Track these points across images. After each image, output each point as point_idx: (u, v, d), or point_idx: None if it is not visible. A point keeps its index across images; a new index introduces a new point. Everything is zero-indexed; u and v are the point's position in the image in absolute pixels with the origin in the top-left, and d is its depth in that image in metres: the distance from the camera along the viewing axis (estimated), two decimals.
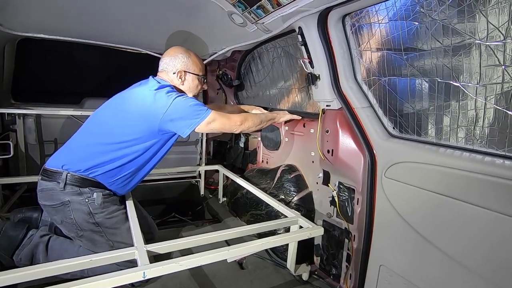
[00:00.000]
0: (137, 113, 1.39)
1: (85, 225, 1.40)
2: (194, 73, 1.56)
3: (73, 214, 1.38)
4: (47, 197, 1.40)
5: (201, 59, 1.63)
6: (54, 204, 1.38)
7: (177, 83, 1.54)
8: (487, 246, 0.95)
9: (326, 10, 1.32)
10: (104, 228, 1.42)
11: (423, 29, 1.11)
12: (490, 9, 0.91)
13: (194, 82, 1.58)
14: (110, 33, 2.07)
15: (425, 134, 1.22)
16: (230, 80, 2.68)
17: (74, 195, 1.37)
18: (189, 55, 1.56)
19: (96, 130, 1.46)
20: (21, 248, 1.40)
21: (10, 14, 1.69)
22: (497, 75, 0.94)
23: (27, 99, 2.33)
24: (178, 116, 1.37)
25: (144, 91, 1.43)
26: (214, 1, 1.56)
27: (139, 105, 1.39)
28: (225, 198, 2.57)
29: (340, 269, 1.56)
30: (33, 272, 1.02)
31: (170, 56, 1.54)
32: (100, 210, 1.41)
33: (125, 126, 1.40)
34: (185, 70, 1.54)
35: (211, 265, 1.25)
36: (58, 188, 1.36)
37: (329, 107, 1.54)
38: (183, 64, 1.53)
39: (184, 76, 1.54)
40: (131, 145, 1.41)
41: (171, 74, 1.53)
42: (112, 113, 1.46)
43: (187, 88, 1.57)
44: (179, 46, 1.59)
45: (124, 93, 1.51)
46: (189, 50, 1.58)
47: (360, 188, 1.40)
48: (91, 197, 1.39)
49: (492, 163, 0.94)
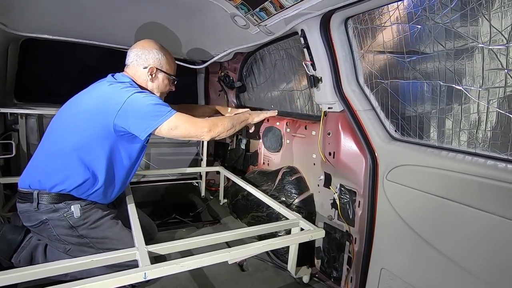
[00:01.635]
0: (90, 112, 1.28)
1: (70, 239, 1.34)
2: (166, 72, 1.47)
3: (55, 231, 1.32)
4: (26, 219, 1.34)
5: (175, 60, 1.56)
6: (34, 225, 1.32)
7: (144, 79, 1.44)
8: (487, 249, 0.95)
9: (329, 13, 1.32)
10: (90, 239, 1.36)
11: (426, 32, 1.12)
12: (493, 13, 0.91)
13: (164, 82, 1.49)
14: (113, 34, 2.08)
15: (427, 137, 1.22)
16: (232, 82, 2.69)
17: (50, 212, 1.29)
18: (163, 53, 1.47)
19: (51, 140, 1.34)
20: (19, 250, 1.39)
21: (15, 15, 1.70)
22: (500, 79, 0.94)
23: (29, 99, 2.34)
24: (133, 115, 1.24)
25: (97, 88, 1.34)
26: (217, 3, 1.56)
27: (92, 104, 1.29)
28: (226, 200, 2.57)
29: (341, 272, 1.55)
30: (32, 272, 1.02)
31: (143, 49, 1.43)
32: (82, 222, 1.33)
33: (79, 130, 1.28)
34: (157, 67, 1.44)
35: (211, 267, 1.25)
36: (32, 209, 1.29)
37: (331, 109, 1.54)
38: (157, 60, 1.44)
39: (155, 74, 1.44)
40: (90, 150, 1.29)
41: (141, 68, 1.42)
42: (64, 119, 1.35)
43: (155, 86, 1.47)
44: (152, 40, 1.49)
45: (76, 96, 1.40)
46: (162, 47, 1.49)
47: (362, 191, 1.40)
48: (68, 211, 1.30)
49: (494, 166, 0.94)
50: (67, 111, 1.37)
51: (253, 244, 1.28)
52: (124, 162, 1.41)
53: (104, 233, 1.39)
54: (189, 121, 1.33)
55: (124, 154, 1.39)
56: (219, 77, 2.75)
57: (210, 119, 1.44)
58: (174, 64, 1.53)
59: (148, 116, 1.26)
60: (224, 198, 2.60)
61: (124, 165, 1.42)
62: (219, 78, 2.76)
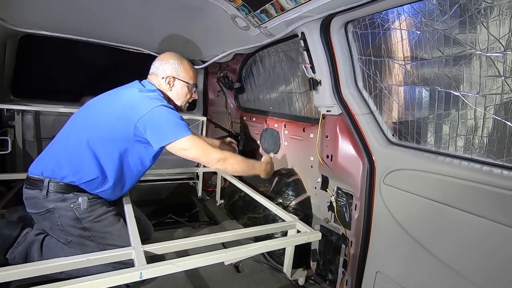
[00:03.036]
0: (116, 115, 1.34)
1: (73, 230, 1.36)
2: (183, 80, 1.52)
3: (60, 221, 1.34)
4: (32, 205, 1.36)
5: (194, 68, 1.60)
6: (39, 212, 1.35)
7: (164, 88, 1.51)
8: (482, 254, 0.96)
9: (329, 16, 1.33)
10: (93, 233, 1.38)
11: (425, 38, 1.13)
12: (491, 21, 0.92)
13: (183, 89, 1.54)
14: (112, 32, 2.07)
15: (424, 142, 1.23)
16: (231, 83, 2.69)
17: (58, 201, 1.33)
18: (180, 62, 1.52)
19: (73, 133, 1.38)
20: (15, 246, 1.38)
21: (14, 11, 1.69)
22: (497, 86, 0.95)
23: (26, 95, 2.32)
24: (152, 125, 1.30)
25: (127, 93, 1.40)
26: (218, 4, 1.57)
27: (120, 107, 1.35)
28: (223, 201, 2.56)
29: (337, 275, 1.55)
30: (27, 270, 1.01)
31: (161, 61, 1.52)
32: (87, 214, 1.36)
33: (101, 127, 1.34)
34: (174, 76, 1.50)
35: (207, 267, 1.25)
36: (41, 196, 1.32)
37: (329, 112, 1.55)
38: (173, 70, 1.50)
39: (172, 82, 1.50)
40: (105, 149, 1.34)
41: (160, 78, 1.50)
42: (90, 115, 1.40)
43: (174, 94, 1.53)
44: (173, 52, 1.57)
45: (105, 95, 1.47)
46: (182, 57, 1.55)
47: (359, 194, 1.41)
48: (76, 202, 1.34)
49: (490, 172, 0.95)
50: (94, 108, 1.42)
51: (250, 246, 1.28)
52: (135, 166, 1.45)
53: (107, 228, 1.41)
54: (201, 148, 1.38)
55: (137, 158, 1.43)
56: (218, 77, 2.75)
57: (224, 153, 1.46)
58: (193, 72, 1.56)
59: (165, 130, 1.31)
60: (221, 199, 2.60)
61: (135, 168, 1.46)
62: (218, 78, 2.76)
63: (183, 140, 1.32)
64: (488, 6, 0.92)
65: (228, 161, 1.45)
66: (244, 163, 1.55)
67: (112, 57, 2.58)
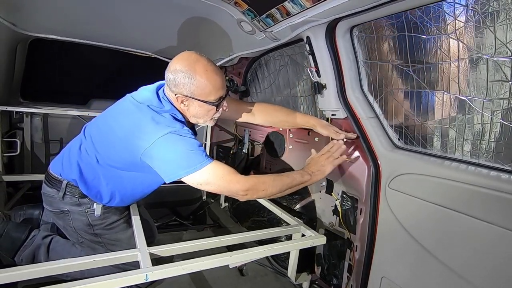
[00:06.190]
0: (123, 140, 1.17)
1: (85, 234, 1.39)
2: (199, 99, 1.18)
3: (73, 223, 1.37)
4: (48, 202, 1.39)
5: (216, 73, 1.18)
6: (55, 211, 1.38)
7: (179, 106, 1.22)
8: (491, 261, 0.94)
9: (335, 21, 1.33)
10: (103, 239, 1.41)
11: (431, 43, 1.13)
12: (498, 25, 0.92)
13: (203, 107, 1.21)
14: (120, 36, 2.11)
15: (430, 146, 1.22)
16: (236, 86, 2.70)
17: (73, 205, 1.33)
18: (193, 73, 1.14)
19: (84, 147, 1.30)
20: (22, 249, 1.40)
21: (24, 15, 1.73)
22: (504, 90, 0.95)
23: (35, 98, 2.36)
24: (158, 157, 1.12)
25: (137, 111, 1.18)
26: (224, 8, 1.58)
27: (127, 130, 1.17)
28: (227, 204, 2.57)
29: (341, 280, 1.54)
30: (34, 271, 1.02)
31: (169, 72, 1.17)
32: (100, 221, 1.37)
33: (110, 148, 1.24)
34: (186, 94, 1.17)
35: (211, 270, 1.25)
36: (57, 197, 1.33)
37: (334, 116, 1.55)
38: (185, 87, 1.15)
39: (186, 102, 1.19)
40: (116, 173, 1.28)
41: (172, 94, 1.20)
42: (101, 132, 1.29)
43: (193, 115, 1.25)
44: (184, 57, 1.17)
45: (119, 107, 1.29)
46: (195, 65, 1.14)
47: (364, 198, 1.40)
48: (90, 208, 1.34)
49: (497, 177, 0.94)
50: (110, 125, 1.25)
51: (255, 249, 1.28)
52: (148, 188, 1.41)
53: (118, 235, 1.43)
54: (224, 178, 1.15)
55: (150, 179, 1.34)
56: None
57: (248, 181, 1.19)
58: (212, 83, 1.17)
59: (173, 164, 1.12)
60: (225, 202, 2.60)
61: (147, 189, 1.42)
62: None
63: (197, 174, 1.11)
64: (495, 11, 0.92)
65: (256, 189, 1.20)
66: (279, 182, 1.25)
67: (119, 61, 2.63)
